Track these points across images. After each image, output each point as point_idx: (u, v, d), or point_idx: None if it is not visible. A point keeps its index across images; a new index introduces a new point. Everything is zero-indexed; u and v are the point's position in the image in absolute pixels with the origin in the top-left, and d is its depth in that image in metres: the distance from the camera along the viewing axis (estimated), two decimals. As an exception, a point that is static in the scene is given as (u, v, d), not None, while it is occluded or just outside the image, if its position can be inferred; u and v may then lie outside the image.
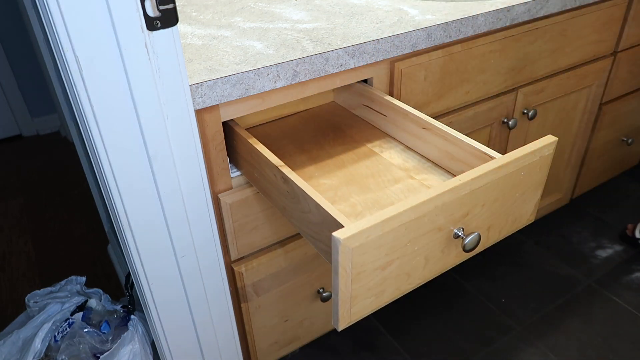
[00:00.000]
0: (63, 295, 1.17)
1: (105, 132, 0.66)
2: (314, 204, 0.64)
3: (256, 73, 0.78)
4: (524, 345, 1.33)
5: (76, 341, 1.05)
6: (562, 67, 1.26)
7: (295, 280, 1.05)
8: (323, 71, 0.85)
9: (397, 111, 0.88)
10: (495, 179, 0.64)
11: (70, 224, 1.91)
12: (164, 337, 0.89)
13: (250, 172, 0.84)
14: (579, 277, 1.51)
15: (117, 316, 1.13)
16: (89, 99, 0.62)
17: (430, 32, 0.94)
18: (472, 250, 0.65)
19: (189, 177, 0.76)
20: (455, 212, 0.62)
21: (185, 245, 0.82)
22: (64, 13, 0.56)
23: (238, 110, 0.82)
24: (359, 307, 0.60)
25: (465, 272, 1.53)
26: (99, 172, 0.71)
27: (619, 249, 1.61)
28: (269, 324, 1.07)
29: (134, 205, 0.73)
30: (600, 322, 1.38)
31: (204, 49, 0.86)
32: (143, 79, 0.64)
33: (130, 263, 0.81)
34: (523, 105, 1.25)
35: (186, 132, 0.72)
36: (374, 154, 0.87)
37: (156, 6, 0.61)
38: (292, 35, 0.91)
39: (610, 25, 1.29)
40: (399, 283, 0.63)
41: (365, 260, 0.56)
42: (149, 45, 0.63)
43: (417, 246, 0.61)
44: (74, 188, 2.12)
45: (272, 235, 0.97)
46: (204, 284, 0.88)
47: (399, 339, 1.35)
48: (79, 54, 0.59)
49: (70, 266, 1.70)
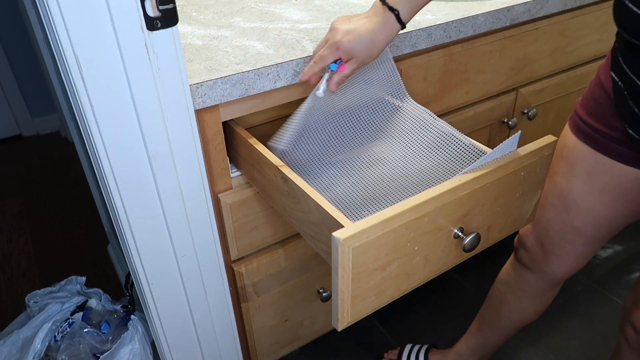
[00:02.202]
0: (63, 295, 1.17)
1: (105, 132, 0.66)
2: (314, 204, 0.64)
3: (256, 73, 0.78)
4: (524, 345, 1.33)
5: (76, 341, 1.05)
6: (562, 67, 1.26)
7: (295, 280, 1.05)
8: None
9: (397, 111, 0.88)
10: (495, 179, 0.64)
11: (70, 224, 1.91)
12: (164, 337, 0.89)
13: (250, 172, 0.84)
14: (579, 277, 1.51)
15: (117, 316, 1.13)
16: (89, 99, 0.62)
17: (430, 32, 0.94)
18: (472, 250, 0.65)
19: (189, 177, 0.76)
20: (455, 212, 0.62)
21: (185, 245, 0.82)
22: (64, 13, 0.56)
23: (238, 110, 0.82)
24: (359, 307, 0.60)
25: (465, 272, 1.53)
26: (99, 172, 0.71)
27: (619, 249, 1.61)
28: (269, 324, 1.07)
29: (134, 205, 0.73)
30: (600, 322, 1.38)
31: (204, 49, 0.86)
32: (143, 79, 0.64)
33: (130, 263, 0.81)
34: (523, 105, 1.25)
35: (186, 132, 0.72)
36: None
37: (156, 6, 0.61)
38: (292, 35, 0.91)
39: (610, 25, 1.29)
40: (399, 283, 0.63)
41: (365, 260, 0.56)
42: (149, 45, 0.63)
43: (417, 246, 0.61)
44: (74, 188, 2.12)
45: (272, 235, 0.97)
46: (204, 284, 0.88)
47: (399, 339, 1.35)
48: (79, 54, 0.59)
49: (70, 266, 1.70)
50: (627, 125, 0.71)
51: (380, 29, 0.71)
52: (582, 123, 0.79)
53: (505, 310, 1.04)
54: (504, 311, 1.04)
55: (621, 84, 0.69)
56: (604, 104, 0.75)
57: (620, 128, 0.73)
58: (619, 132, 0.74)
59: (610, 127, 0.75)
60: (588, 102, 0.79)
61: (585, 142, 0.79)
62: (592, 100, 0.78)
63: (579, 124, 0.80)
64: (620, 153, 0.75)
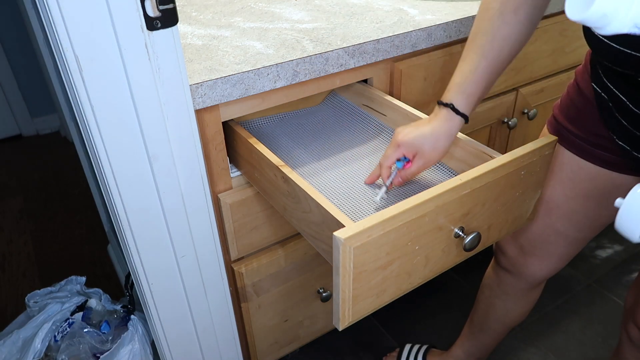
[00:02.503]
0: (63, 295, 1.17)
1: (105, 132, 0.66)
2: (314, 204, 0.64)
3: (256, 73, 0.78)
4: (524, 345, 1.33)
5: (76, 341, 1.05)
6: (562, 67, 1.26)
7: (295, 280, 1.05)
8: (323, 71, 0.85)
9: (397, 111, 0.88)
10: (495, 178, 0.64)
11: (70, 224, 1.91)
12: (164, 337, 0.89)
13: (250, 172, 0.84)
14: (579, 277, 1.51)
15: (117, 316, 1.13)
16: (89, 99, 0.62)
17: (430, 32, 0.94)
18: (472, 250, 0.65)
19: (189, 177, 0.76)
20: (455, 211, 0.62)
21: (185, 245, 0.82)
22: (64, 13, 0.56)
23: (238, 110, 0.82)
24: (359, 307, 0.60)
25: (465, 272, 1.53)
26: (99, 172, 0.71)
27: (619, 248, 1.61)
28: (269, 323, 1.07)
29: (133, 205, 0.73)
30: (600, 322, 1.38)
31: (204, 49, 0.86)
32: (143, 79, 0.64)
33: (130, 263, 0.81)
34: (523, 105, 1.25)
35: (186, 132, 0.72)
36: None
37: (156, 6, 0.61)
38: (292, 35, 0.91)
39: (610, 25, 1.29)
40: (399, 282, 0.63)
41: (366, 259, 0.56)
42: (149, 45, 0.63)
43: (417, 245, 0.61)
44: (74, 188, 2.12)
45: (272, 235, 0.97)
46: (204, 283, 0.88)
47: (398, 339, 1.35)
48: (79, 54, 0.59)
49: (70, 266, 1.70)
50: (617, 137, 0.70)
51: (440, 123, 0.70)
52: (563, 129, 0.78)
53: (492, 313, 1.04)
54: (491, 314, 1.04)
55: (605, 96, 0.69)
56: (586, 111, 0.74)
57: (605, 135, 0.72)
58: (603, 138, 0.73)
59: (593, 134, 0.74)
60: (568, 108, 0.78)
61: (568, 148, 0.78)
62: (572, 107, 0.77)
63: (559, 129, 0.79)
64: (605, 159, 0.74)
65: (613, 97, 0.67)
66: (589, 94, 0.73)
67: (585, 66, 0.75)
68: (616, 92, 0.66)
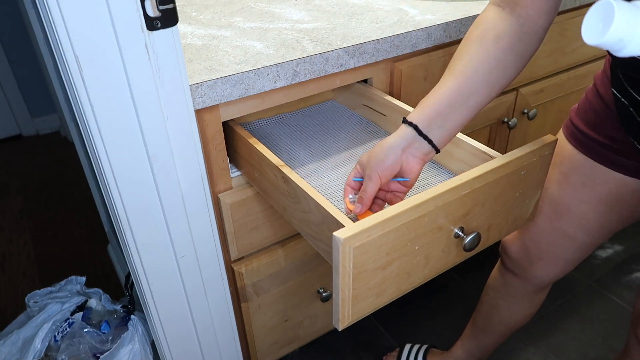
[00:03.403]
0: (63, 295, 1.17)
1: (105, 132, 0.66)
2: (314, 204, 0.64)
3: (256, 73, 0.78)
4: (524, 345, 1.33)
5: (76, 341, 1.05)
6: (562, 67, 1.26)
7: (295, 280, 1.05)
8: (323, 71, 0.85)
9: (397, 111, 0.88)
10: (495, 178, 0.64)
11: (70, 224, 1.91)
12: (164, 337, 0.89)
13: (250, 172, 0.84)
14: (579, 277, 1.51)
15: (117, 316, 1.13)
16: (89, 99, 0.62)
17: (430, 32, 0.94)
18: (472, 250, 0.65)
19: (189, 177, 0.76)
20: (455, 211, 0.62)
21: (185, 245, 0.82)
22: (64, 13, 0.56)
23: (238, 110, 0.82)
24: (359, 307, 0.60)
25: (465, 272, 1.53)
26: (99, 172, 0.71)
27: (619, 248, 1.61)
28: (269, 323, 1.07)
29: (133, 205, 0.73)
30: (600, 322, 1.38)
31: (204, 49, 0.86)
32: (143, 79, 0.64)
33: (130, 263, 0.81)
34: (523, 105, 1.25)
35: (186, 132, 0.72)
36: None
37: (156, 6, 0.61)
38: (292, 35, 0.91)
39: (610, 25, 1.29)
40: (399, 282, 0.63)
41: (366, 259, 0.56)
42: (149, 45, 0.63)
43: (417, 245, 0.61)
44: (74, 188, 2.12)
45: (272, 235, 0.97)
46: (204, 283, 0.88)
47: (398, 339, 1.35)
48: (79, 54, 0.59)
49: (70, 266, 1.70)
50: (638, 143, 0.69)
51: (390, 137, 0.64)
52: (579, 133, 0.78)
53: (496, 315, 1.04)
54: (495, 316, 1.04)
55: (625, 101, 0.68)
56: (604, 115, 0.74)
57: (624, 140, 0.72)
58: (622, 143, 0.72)
59: (610, 138, 0.74)
60: (586, 112, 0.78)
61: (583, 152, 0.77)
62: (590, 111, 0.77)
63: (575, 134, 0.79)
64: (622, 164, 0.74)
65: (634, 102, 0.66)
66: (608, 99, 0.73)
67: (605, 71, 0.74)
68: (638, 98, 0.65)
